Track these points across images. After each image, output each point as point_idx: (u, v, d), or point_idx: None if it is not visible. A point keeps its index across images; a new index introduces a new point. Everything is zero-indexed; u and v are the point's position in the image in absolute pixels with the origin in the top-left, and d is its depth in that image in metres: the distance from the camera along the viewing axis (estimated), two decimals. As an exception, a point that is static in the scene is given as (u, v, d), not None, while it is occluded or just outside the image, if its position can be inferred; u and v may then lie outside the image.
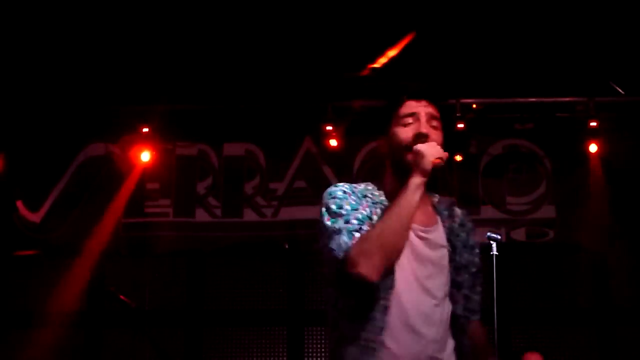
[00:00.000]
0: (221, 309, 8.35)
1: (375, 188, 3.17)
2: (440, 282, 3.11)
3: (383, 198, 3.13)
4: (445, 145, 3.10)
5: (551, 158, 8.50)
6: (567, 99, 8.17)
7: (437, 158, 2.98)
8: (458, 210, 3.32)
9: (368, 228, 2.97)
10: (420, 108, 3.13)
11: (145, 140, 8.28)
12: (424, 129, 3.07)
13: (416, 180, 2.99)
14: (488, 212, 8.47)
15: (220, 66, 7.79)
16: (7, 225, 8.35)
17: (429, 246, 3.11)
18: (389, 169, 3.19)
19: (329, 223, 3.01)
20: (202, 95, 8.21)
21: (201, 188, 8.57)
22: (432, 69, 7.63)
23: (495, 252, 4.67)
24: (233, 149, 8.68)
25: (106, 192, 8.41)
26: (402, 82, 3.22)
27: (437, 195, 3.31)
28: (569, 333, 8.12)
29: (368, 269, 2.86)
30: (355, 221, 2.99)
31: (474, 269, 3.29)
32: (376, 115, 3.27)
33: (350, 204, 3.04)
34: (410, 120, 3.11)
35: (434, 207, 3.25)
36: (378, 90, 3.22)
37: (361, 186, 3.18)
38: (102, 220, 8.27)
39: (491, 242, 4.78)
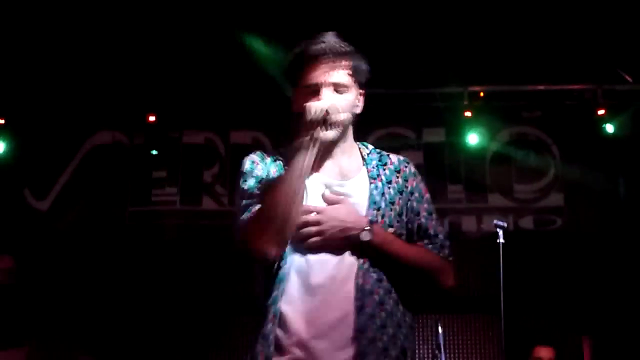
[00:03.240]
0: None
1: (289, 151, 2.97)
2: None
3: None
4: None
5: (559, 145, 8.47)
6: (575, 87, 8.14)
7: (319, 108, 2.81)
8: (394, 158, 3.12)
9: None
10: (320, 76, 2.92)
11: (152, 128, 8.26)
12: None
13: (302, 141, 2.83)
14: (495, 200, 8.45)
15: (227, 54, 7.76)
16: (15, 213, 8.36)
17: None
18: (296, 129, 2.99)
19: (236, 200, 2.94)
20: (208, 83, 8.19)
21: (208, 176, 8.57)
22: (441, 56, 7.61)
23: (502, 240, 4.68)
24: (240, 137, 8.67)
25: (112, 180, 8.41)
26: (309, 43, 2.99)
27: (370, 146, 3.15)
28: (578, 322, 8.08)
29: (262, 243, 2.76)
30: (257, 192, 2.89)
31: (413, 219, 3.01)
32: (285, 69, 3.07)
33: (256, 176, 2.95)
34: (314, 90, 2.93)
35: (363, 157, 3.07)
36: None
37: (276, 152, 3.09)
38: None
39: (498, 229, 4.78)
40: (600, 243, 8.17)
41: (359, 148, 3.11)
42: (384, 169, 3.05)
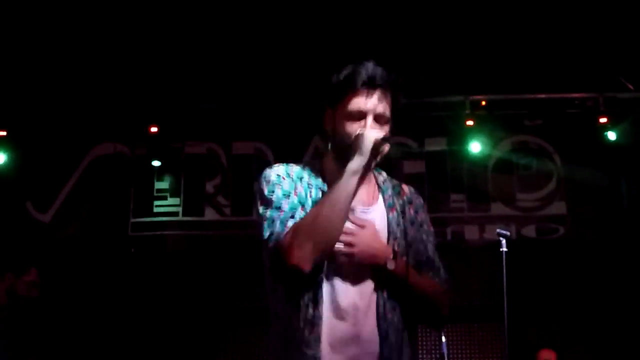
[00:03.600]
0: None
1: (314, 169, 3.06)
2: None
3: (320, 180, 3.03)
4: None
5: (561, 154, 8.47)
6: (576, 95, 8.14)
7: (377, 139, 2.87)
8: (406, 189, 3.20)
9: (302, 213, 2.89)
10: (370, 105, 2.96)
11: (154, 139, 8.27)
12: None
13: (354, 164, 2.87)
14: (498, 209, 8.45)
15: (229, 65, 7.77)
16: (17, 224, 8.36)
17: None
18: (330, 152, 3.09)
19: (261, 209, 2.95)
20: (211, 94, 8.20)
21: (210, 187, 8.58)
22: (443, 66, 7.61)
23: (504, 249, 4.66)
24: (242, 148, 8.69)
25: (115, 191, 8.42)
26: (359, 69, 3.04)
27: (384, 173, 3.20)
28: (582, 330, 8.07)
29: (300, 259, 2.79)
30: (287, 207, 2.91)
31: (421, 246, 3.10)
32: (327, 87, 3.08)
33: (283, 189, 2.96)
34: (357, 116, 2.96)
35: (378, 185, 3.14)
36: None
37: (298, 167, 3.08)
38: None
39: (501, 238, 4.76)
40: (602, 251, 8.16)
41: (374, 175, 3.16)
42: (399, 199, 3.13)
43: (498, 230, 4.80)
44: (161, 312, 8.18)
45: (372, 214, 3.04)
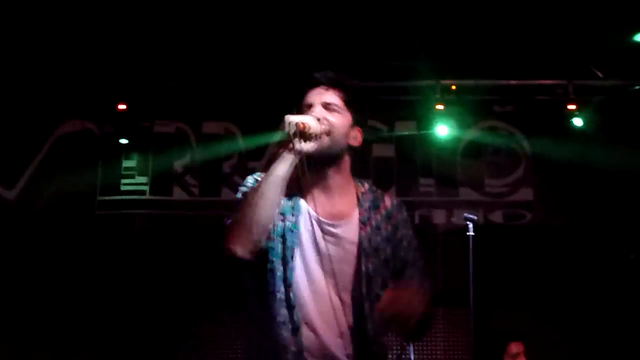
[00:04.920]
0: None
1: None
2: (344, 280, 2.99)
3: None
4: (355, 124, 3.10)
5: (530, 140, 8.51)
6: (546, 82, 8.17)
7: (300, 122, 2.92)
8: (388, 202, 3.19)
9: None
10: (315, 97, 3.09)
11: (122, 117, 8.20)
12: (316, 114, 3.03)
13: (282, 151, 2.95)
14: (466, 193, 8.48)
15: (199, 44, 7.72)
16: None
17: (333, 242, 3.01)
18: None
19: None
20: (181, 73, 8.14)
21: (179, 166, 8.53)
22: (414, 50, 7.60)
23: (472, 233, 4.69)
24: (211, 128, 8.64)
25: (82, 169, 8.36)
26: (308, 72, 3.16)
27: (366, 184, 3.20)
28: (547, 316, 8.13)
29: (235, 244, 2.84)
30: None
31: (398, 265, 3.10)
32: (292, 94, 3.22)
33: (248, 187, 3.05)
34: (306, 110, 3.07)
35: (358, 197, 3.13)
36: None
37: None
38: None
39: (468, 223, 4.80)
40: (568, 238, 8.22)
41: (355, 185, 3.16)
42: (376, 214, 3.12)
43: (465, 214, 4.84)
44: (127, 291, 8.14)
45: (342, 229, 3.03)
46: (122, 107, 8.16)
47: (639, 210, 7.88)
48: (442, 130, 8.14)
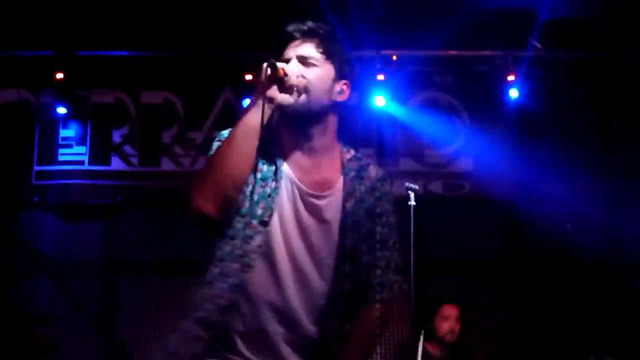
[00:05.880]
0: (137, 259, 8.25)
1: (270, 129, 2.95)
2: (323, 255, 2.86)
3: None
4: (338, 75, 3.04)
5: (469, 111, 8.57)
6: (486, 53, 8.23)
7: (281, 68, 2.82)
8: (373, 172, 3.05)
9: None
10: (291, 51, 2.96)
11: (60, 86, 8.08)
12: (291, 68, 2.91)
13: (254, 98, 2.80)
14: (406, 164, 8.52)
15: (139, 11, 7.63)
16: None
17: (314, 214, 2.88)
18: None
19: None
20: (119, 41, 8.03)
21: (117, 136, 8.44)
22: (352, 19, 7.58)
23: (413, 203, 4.73)
24: (151, 98, 8.55)
25: (19, 139, 8.22)
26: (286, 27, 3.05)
27: (352, 150, 3.11)
28: (483, 284, 8.25)
29: (202, 200, 2.69)
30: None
31: (377, 240, 2.95)
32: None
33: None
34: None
35: (343, 164, 3.01)
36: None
37: None
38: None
39: (409, 192, 4.83)
40: (505, 209, 8.31)
41: (340, 150, 3.06)
42: (360, 185, 2.98)
43: (407, 184, 4.86)
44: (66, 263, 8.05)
45: (325, 201, 2.89)
46: (59, 76, 8.02)
47: (575, 179, 7.98)
48: (380, 101, 8.15)
